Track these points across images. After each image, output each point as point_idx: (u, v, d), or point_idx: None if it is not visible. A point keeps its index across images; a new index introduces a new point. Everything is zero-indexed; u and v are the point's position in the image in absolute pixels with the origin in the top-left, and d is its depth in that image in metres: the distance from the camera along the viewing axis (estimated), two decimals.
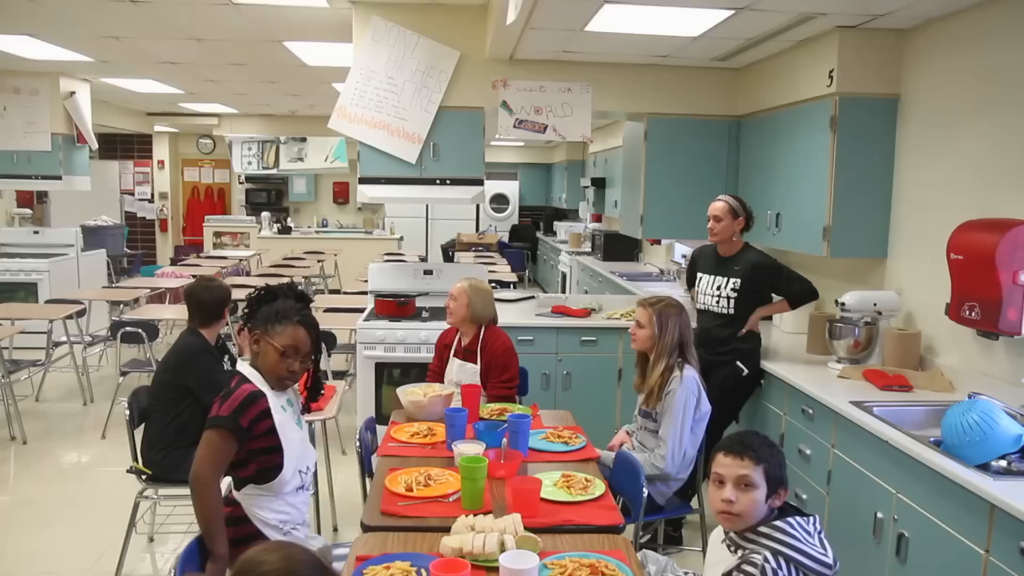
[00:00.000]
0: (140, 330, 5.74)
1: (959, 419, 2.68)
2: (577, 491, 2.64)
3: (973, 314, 3.01)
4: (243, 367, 2.58)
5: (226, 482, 2.57)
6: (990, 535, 2.31)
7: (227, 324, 3.83)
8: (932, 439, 2.76)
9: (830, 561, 1.97)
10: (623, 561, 2.16)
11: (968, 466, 2.49)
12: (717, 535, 2.19)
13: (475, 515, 2.33)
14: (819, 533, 2.03)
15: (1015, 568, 2.21)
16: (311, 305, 2.72)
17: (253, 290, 2.65)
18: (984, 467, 2.52)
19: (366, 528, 2.41)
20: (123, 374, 5.81)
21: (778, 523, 2.00)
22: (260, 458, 2.49)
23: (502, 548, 2.08)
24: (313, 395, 2.82)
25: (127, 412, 3.55)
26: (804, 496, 3.46)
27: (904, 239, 3.94)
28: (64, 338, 6.54)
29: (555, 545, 2.28)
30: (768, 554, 1.94)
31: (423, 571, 2.05)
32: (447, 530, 2.27)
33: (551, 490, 2.63)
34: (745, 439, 2.10)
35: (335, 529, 4.17)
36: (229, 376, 3.62)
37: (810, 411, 3.46)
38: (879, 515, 2.86)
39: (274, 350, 2.51)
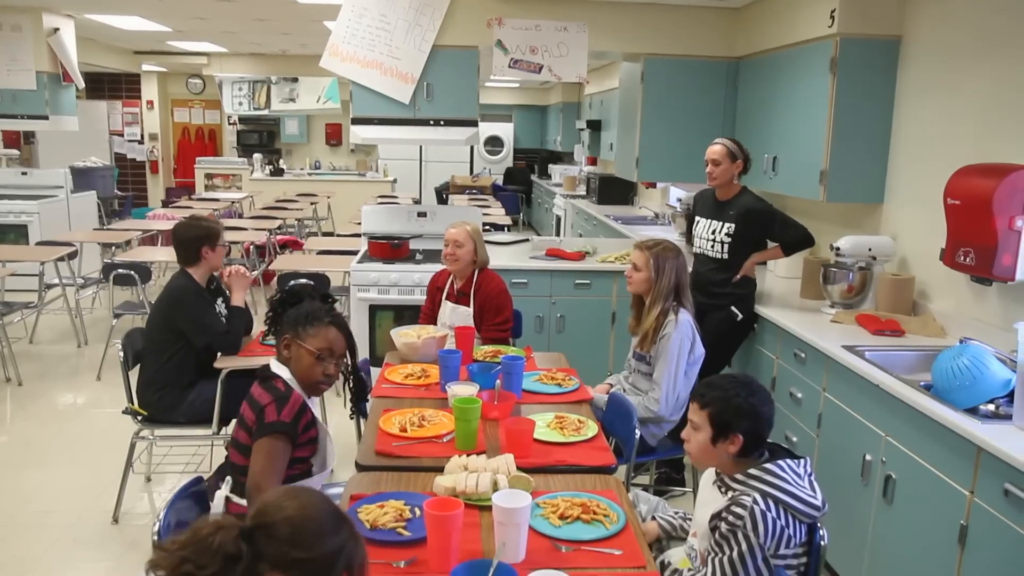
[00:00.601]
0: (132, 272, 5.72)
1: (950, 363, 2.70)
2: (570, 432, 2.66)
3: (967, 260, 3.01)
4: (279, 369, 2.50)
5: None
6: (975, 477, 2.34)
7: (220, 264, 3.77)
8: (922, 383, 2.78)
9: (819, 503, 2.00)
10: (615, 501, 2.19)
11: (957, 410, 2.51)
12: (709, 476, 2.22)
13: (468, 455, 2.36)
14: (809, 475, 2.06)
15: (998, 508, 2.25)
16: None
17: (275, 293, 2.58)
18: (972, 411, 2.55)
19: (360, 468, 2.43)
20: (116, 316, 5.81)
21: (768, 466, 2.02)
22: (297, 464, 2.47)
23: (495, 487, 2.11)
24: (359, 398, 2.79)
25: (121, 354, 3.55)
26: (794, 439, 3.50)
27: (901, 184, 3.91)
28: (56, 280, 6.52)
29: (547, 485, 2.30)
30: (758, 496, 1.96)
31: (416, 510, 2.07)
32: (440, 470, 2.29)
33: (544, 431, 2.65)
34: (710, 383, 2.14)
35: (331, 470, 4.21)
36: (219, 319, 3.65)
37: (802, 355, 3.47)
38: (867, 457, 2.90)
39: (308, 353, 2.45)
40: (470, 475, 2.16)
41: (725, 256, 3.91)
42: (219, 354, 3.59)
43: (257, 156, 12.32)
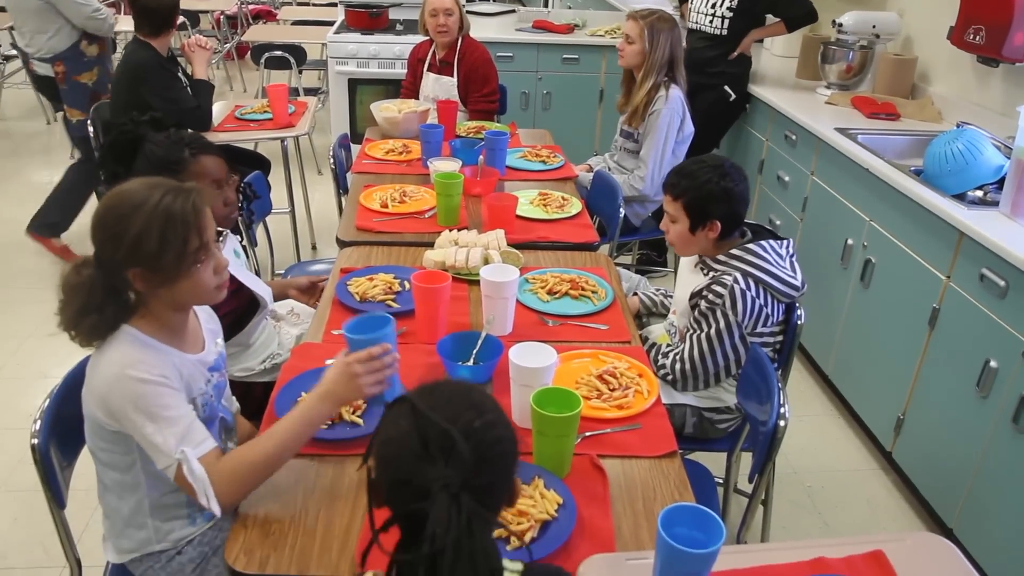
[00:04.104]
0: None
1: (944, 148, 2.65)
2: (553, 209, 2.64)
3: (977, 38, 2.86)
4: None
5: None
6: (954, 262, 2.37)
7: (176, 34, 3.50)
8: (913, 168, 2.74)
9: (798, 283, 2.02)
10: (603, 278, 2.21)
11: (945, 195, 2.49)
12: (690, 257, 2.22)
13: (459, 230, 2.34)
14: (791, 256, 2.06)
15: (972, 292, 2.29)
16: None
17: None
18: (960, 197, 2.52)
19: (341, 243, 2.42)
20: None
21: (750, 246, 2.01)
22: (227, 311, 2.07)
23: (486, 262, 2.10)
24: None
25: (92, 129, 3.42)
26: (778, 222, 3.51)
27: None
28: (13, 52, 6.15)
29: (537, 261, 2.32)
30: (738, 275, 1.97)
31: (405, 283, 2.08)
32: (427, 245, 2.29)
33: (527, 208, 2.63)
34: (680, 171, 2.08)
35: (313, 247, 4.23)
36: (187, 93, 3.46)
37: (793, 137, 3.40)
38: (849, 242, 2.92)
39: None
40: (460, 249, 2.15)
41: (724, 32, 3.71)
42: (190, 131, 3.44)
43: None
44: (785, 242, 2.07)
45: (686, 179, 2.03)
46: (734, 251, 2.02)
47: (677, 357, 2.05)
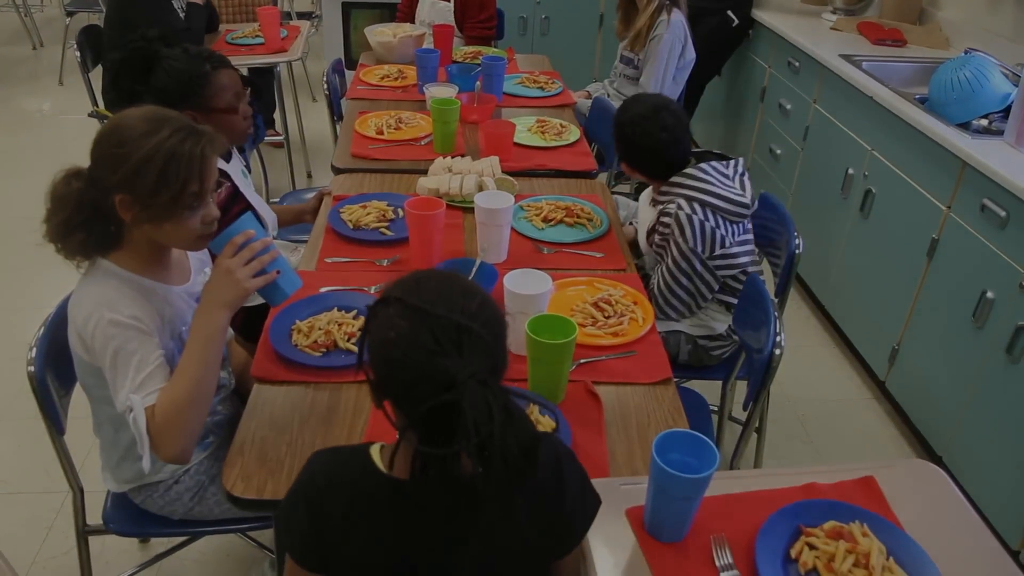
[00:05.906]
0: None
1: (950, 75, 2.59)
2: (551, 136, 2.61)
3: None
4: None
5: None
6: (955, 192, 2.34)
7: None
8: (917, 96, 2.69)
9: (747, 200, 1.97)
10: (598, 205, 2.19)
11: (949, 124, 2.45)
12: (647, 195, 2.20)
13: (453, 157, 2.31)
14: (740, 175, 2.02)
15: (971, 223, 2.27)
16: None
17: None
18: (964, 126, 2.48)
19: (336, 170, 2.39)
20: (69, 14, 5.40)
21: (690, 170, 1.98)
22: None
23: (480, 189, 2.08)
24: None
25: (78, 54, 3.34)
26: (778, 151, 3.47)
27: None
28: None
29: (532, 189, 2.29)
30: (682, 200, 1.94)
31: (399, 210, 2.06)
32: (421, 172, 2.26)
33: (525, 135, 2.60)
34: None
35: (309, 175, 4.18)
36: (177, 15, 3.37)
37: (796, 64, 3.33)
38: (850, 171, 2.89)
39: (221, 113, 1.97)
40: (454, 176, 2.13)
41: None
42: None
43: None
44: (732, 161, 2.04)
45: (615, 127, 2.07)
46: (674, 178, 2.00)
47: (652, 292, 2.05)
